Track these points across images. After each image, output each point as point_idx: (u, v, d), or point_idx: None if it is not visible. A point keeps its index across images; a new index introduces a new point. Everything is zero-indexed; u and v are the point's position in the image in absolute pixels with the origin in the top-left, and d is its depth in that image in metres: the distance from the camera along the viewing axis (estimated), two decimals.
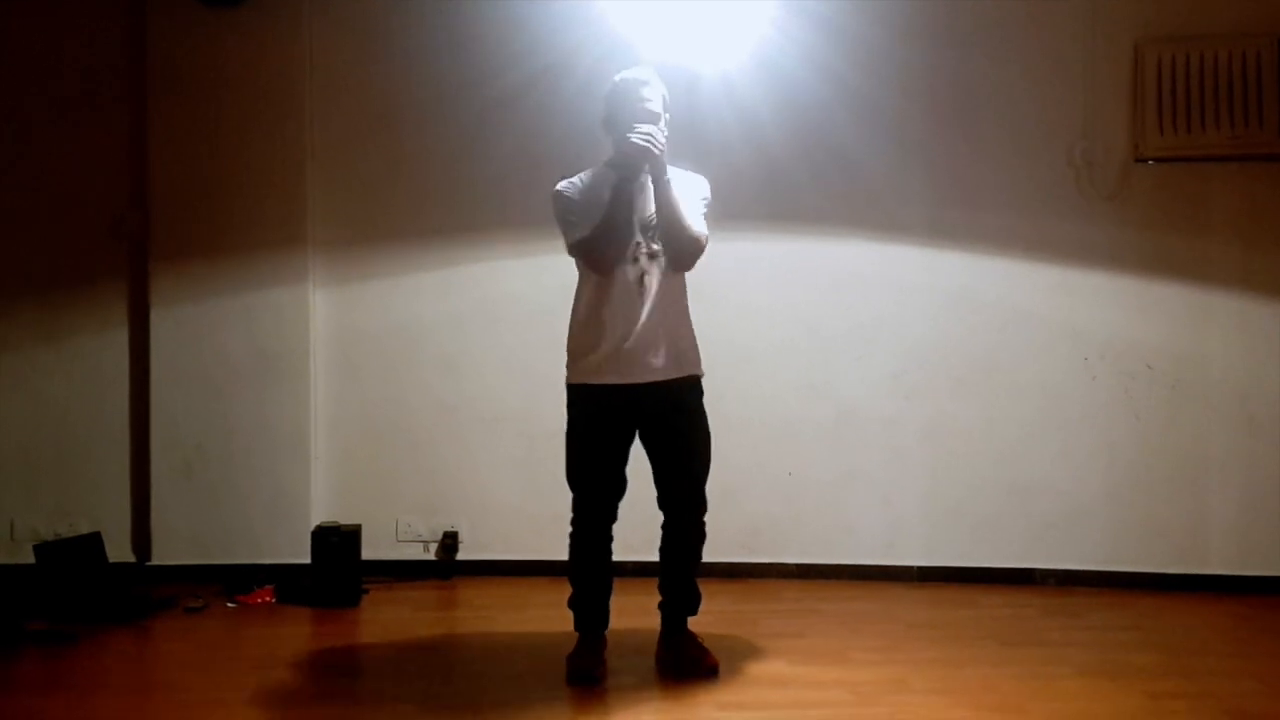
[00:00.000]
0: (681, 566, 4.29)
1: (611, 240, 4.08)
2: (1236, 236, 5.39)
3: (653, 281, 4.14)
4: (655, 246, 4.14)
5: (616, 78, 4.20)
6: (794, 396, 5.57)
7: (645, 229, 4.13)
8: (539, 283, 5.53)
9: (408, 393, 5.64)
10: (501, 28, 5.48)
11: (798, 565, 5.56)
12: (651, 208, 4.12)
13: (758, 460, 5.51)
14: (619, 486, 4.21)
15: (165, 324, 5.49)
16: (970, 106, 5.48)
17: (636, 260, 4.13)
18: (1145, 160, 5.37)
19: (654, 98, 4.13)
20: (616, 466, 4.19)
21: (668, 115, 4.17)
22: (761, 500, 5.52)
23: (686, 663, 4.24)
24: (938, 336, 5.54)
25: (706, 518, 4.27)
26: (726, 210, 5.35)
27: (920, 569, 5.55)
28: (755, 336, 5.55)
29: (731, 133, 5.42)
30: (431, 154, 5.59)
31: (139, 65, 5.49)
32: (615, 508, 4.23)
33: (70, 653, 4.52)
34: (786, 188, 5.52)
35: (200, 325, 5.50)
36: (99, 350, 5.57)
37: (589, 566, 4.25)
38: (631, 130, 4.04)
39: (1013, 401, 5.52)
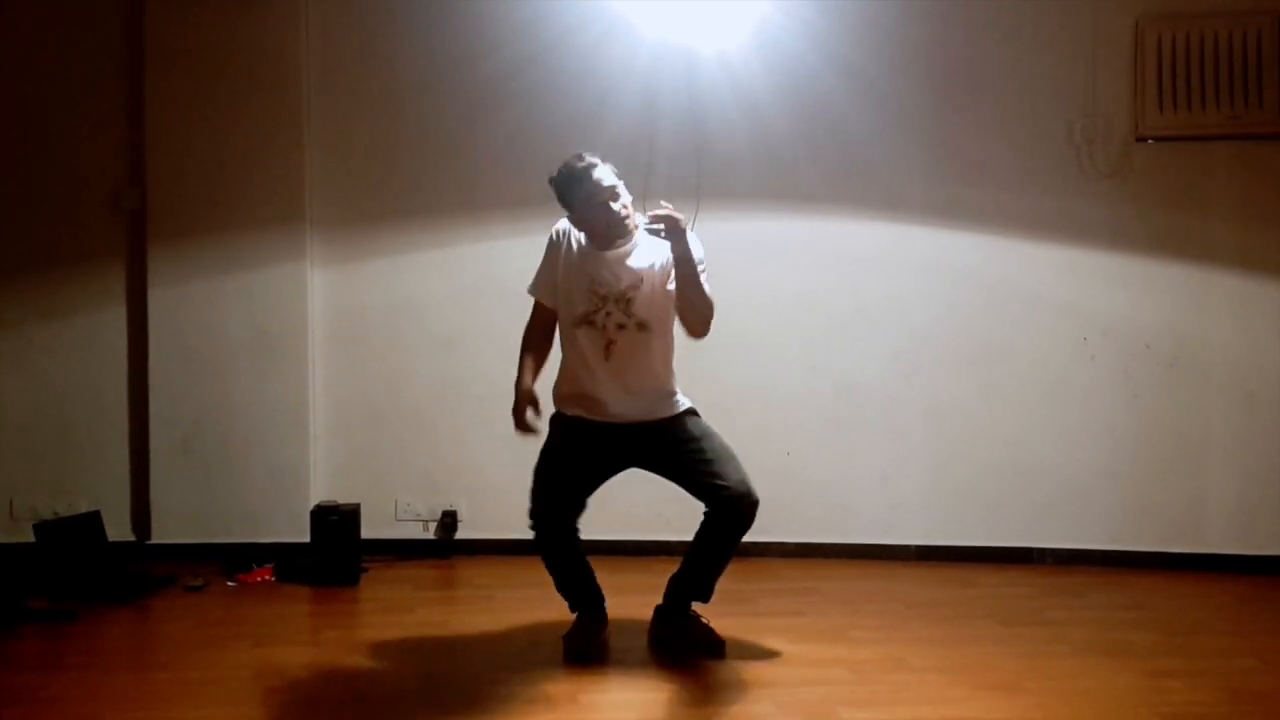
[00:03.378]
0: (716, 560, 4.23)
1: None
2: (1235, 215, 5.38)
3: (621, 352, 4.11)
4: (624, 319, 4.09)
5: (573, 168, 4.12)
6: (794, 376, 5.57)
7: (619, 300, 4.10)
8: (537, 261, 5.51)
9: (406, 372, 5.63)
10: (501, 6, 5.46)
11: (797, 544, 5.56)
12: (627, 280, 4.09)
13: (757, 440, 5.46)
14: (577, 508, 4.18)
15: (164, 302, 5.48)
16: (971, 84, 5.47)
17: (605, 329, 4.10)
18: (1145, 139, 5.36)
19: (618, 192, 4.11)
20: (578, 490, 4.18)
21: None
22: (761, 480, 5.40)
23: (692, 641, 4.24)
24: (938, 316, 5.53)
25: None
26: (726, 191, 5.37)
27: (919, 548, 5.56)
28: (755, 316, 5.54)
29: (731, 112, 5.41)
30: (430, 132, 5.57)
31: (137, 42, 5.47)
32: (572, 522, 4.19)
33: (70, 631, 4.53)
34: (786, 167, 5.51)
35: (199, 303, 5.49)
36: (97, 328, 5.56)
37: (560, 564, 4.24)
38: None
39: (1012, 381, 5.52)
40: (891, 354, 5.55)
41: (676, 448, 4.18)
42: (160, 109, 5.45)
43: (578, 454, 4.20)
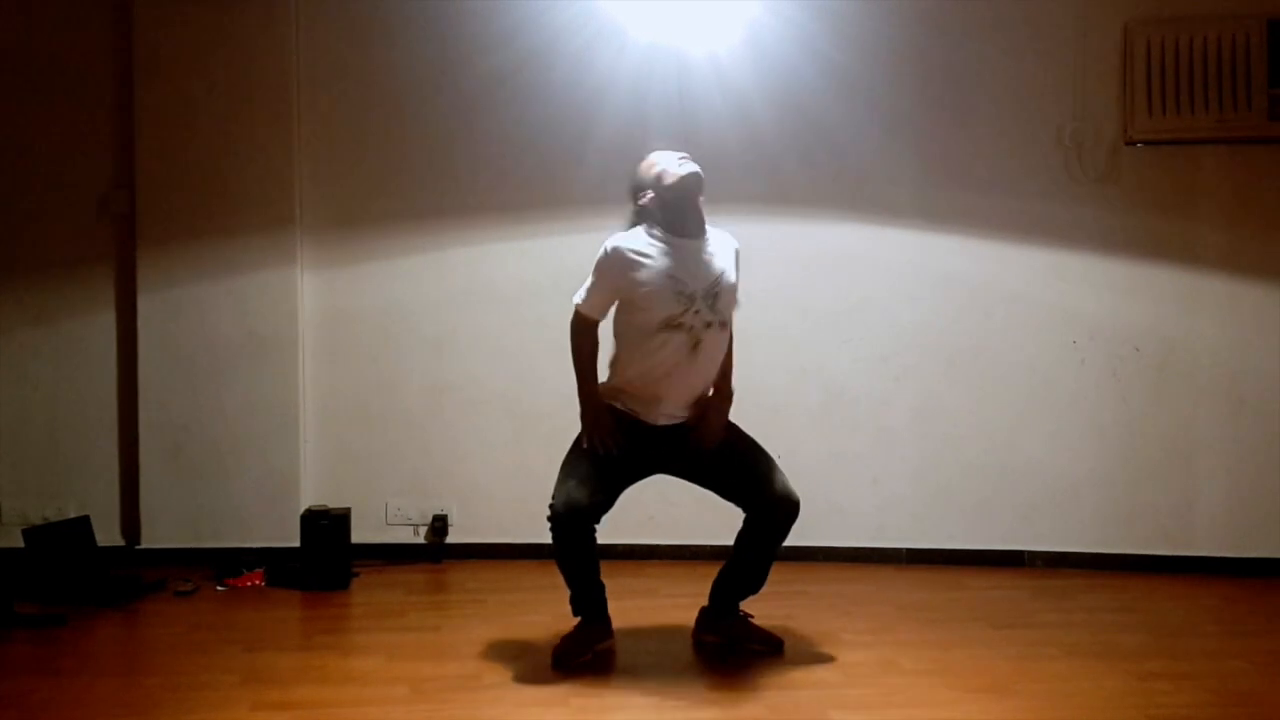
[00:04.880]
0: (764, 559, 4.28)
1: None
2: (1224, 219, 5.40)
3: (705, 349, 4.13)
4: (711, 317, 4.12)
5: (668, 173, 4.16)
6: (783, 379, 5.57)
7: (706, 295, 4.11)
8: (528, 265, 5.53)
9: (397, 375, 5.62)
10: (490, 8, 5.46)
11: (787, 548, 5.50)
12: (711, 276, 4.13)
13: None
14: (603, 504, 4.14)
15: (153, 306, 5.47)
16: (960, 88, 5.48)
17: (692, 329, 4.09)
18: (1134, 143, 5.38)
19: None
20: (608, 487, 4.14)
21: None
22: None
23: (748, 639, 4.28)
24: (927, 319, 5.54)
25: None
26: (716, 193, 5.34)
27: (910, 551, 5.57)
28: (744, 319, 5.46)
29: (721, 115, 5.41)
30: (420, 136, 5.56)
31: (126, 44, 5.45)
32: (597, 517, 4.14)
33: (60, 635, 4.52)
34: (776, 170, 5.51)
35: (188, 307, 5.47)
36: (87, 332, 5.54)
37: (574, 561, 4.18)
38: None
39: (1002, 383, 5.53)
40: (881, 356, 5.56)
41: (725, 452, 4.21)
42: (149, 112, 5.44)
43: (618, 452, 4.16)
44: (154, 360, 5.48)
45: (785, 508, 4.19)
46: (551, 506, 4.10)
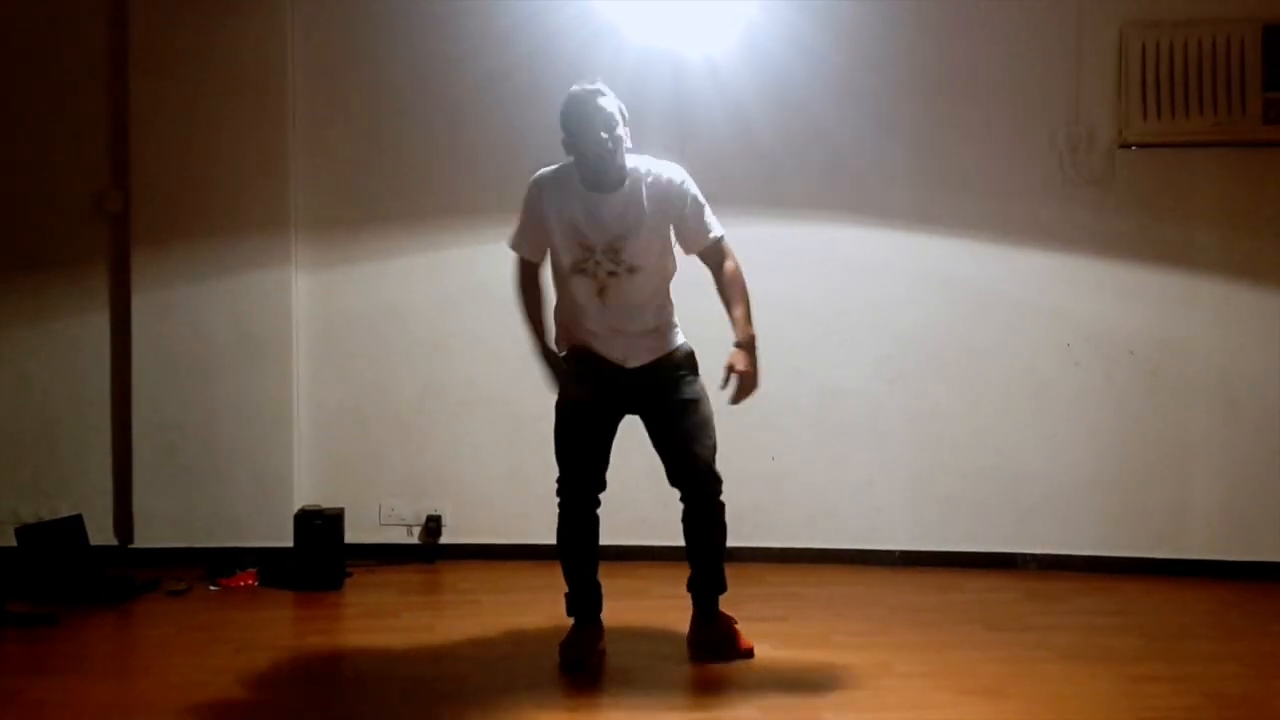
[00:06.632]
0: (703, 546, 4.27)
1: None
2: (1219, 222, 5.40)
3: (614, 295, 4.08)
4: (614, 267, 4.06)
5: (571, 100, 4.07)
6: (778, 381, 5.51)
7: (607, 250, 4.05)
8: None
9: (391, 376, 5.62)
10: (486, 8, 5.45)
11: (781, 549, 5.56)
12: (613, 231, 4.04)
13: (741, 445, 5.45)
14: (602, 456, 4.18)
15: (147, 306, 5.46)
16: (956, 91, 5.48)
17: (595, 275, 4.07)
18: (1129, 146, 5.38)
19: (613, 122, 4.04)
20: (601, 436, 4.17)
21: (626, 122, 4.09)
22: (744, 484, 5.42)
23: (719, 645, 4.26)
24: (922, 321, 5.54)
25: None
26: (712, 195, 5.35)
27: (903, 553, 5.56)
28: None
29: (717, 117, 5.41)
30: (416, 137, 5.56)
31: (121, 44, 5.44)
32: (600, 481, 4.19)
33: (52, 635, 4.51)
34: (772, 172, 5.52)
35: (183, 307, 5.47)
36: (80, 332, 5.53)
37: (575, 548, 4.23)
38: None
39: (996, 386, 5.53)
40: (876, 359, 5.56)
41: (669, 408, 4.17)
42: (144, 112, 5.43)
43: (590, 395, 4.14)
44: (148, 360, 5.47)
45: (695, 483, 4.18)
46: (558, 481, 4.18)
